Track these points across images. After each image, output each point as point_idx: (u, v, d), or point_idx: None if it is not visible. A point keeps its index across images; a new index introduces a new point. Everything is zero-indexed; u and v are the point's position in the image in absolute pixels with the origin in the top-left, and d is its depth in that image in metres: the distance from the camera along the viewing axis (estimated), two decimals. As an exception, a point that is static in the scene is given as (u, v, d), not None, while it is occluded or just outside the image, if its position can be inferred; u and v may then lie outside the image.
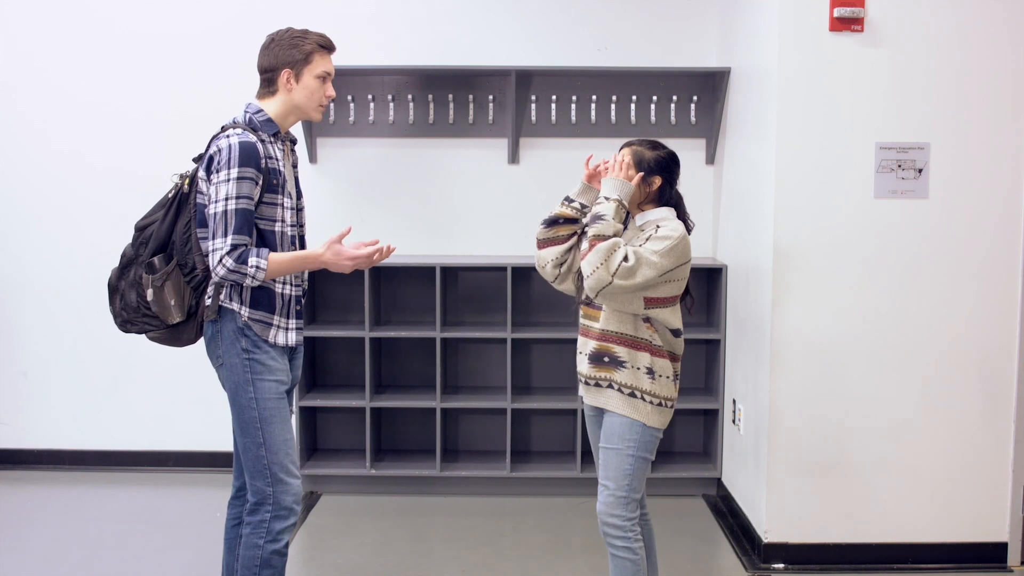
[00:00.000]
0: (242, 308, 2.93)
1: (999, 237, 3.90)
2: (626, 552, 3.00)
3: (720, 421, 4.78)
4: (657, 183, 3.02)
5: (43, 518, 4.53)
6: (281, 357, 3.01)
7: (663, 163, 3.03)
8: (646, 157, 3.02)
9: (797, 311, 3.92)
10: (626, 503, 2.99)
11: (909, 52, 3.83)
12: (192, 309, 2.98)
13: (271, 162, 2.92)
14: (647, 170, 3.01)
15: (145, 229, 3.00)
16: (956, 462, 3.97)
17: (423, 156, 5.06)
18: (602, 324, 3.02)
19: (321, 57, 3.00)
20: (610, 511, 3.00)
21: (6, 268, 5.16)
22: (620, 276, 2.84)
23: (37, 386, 5.20)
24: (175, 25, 5.01)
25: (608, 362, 3.01)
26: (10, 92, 5.08)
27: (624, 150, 3.04)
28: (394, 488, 4.86)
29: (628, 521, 2.99)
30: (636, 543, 3.00)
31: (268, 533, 2.97)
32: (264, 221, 2.92)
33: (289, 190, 3.00)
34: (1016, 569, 4.00)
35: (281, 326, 2.99)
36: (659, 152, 3.04)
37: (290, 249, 2.99)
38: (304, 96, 2.99)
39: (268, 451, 2.95)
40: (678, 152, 3.15)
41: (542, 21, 5.01)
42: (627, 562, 3.00)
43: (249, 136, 2.88)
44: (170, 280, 2.92)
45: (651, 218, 3.03)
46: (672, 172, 3.06)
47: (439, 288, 4.75)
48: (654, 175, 3.01)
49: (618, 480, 2.99)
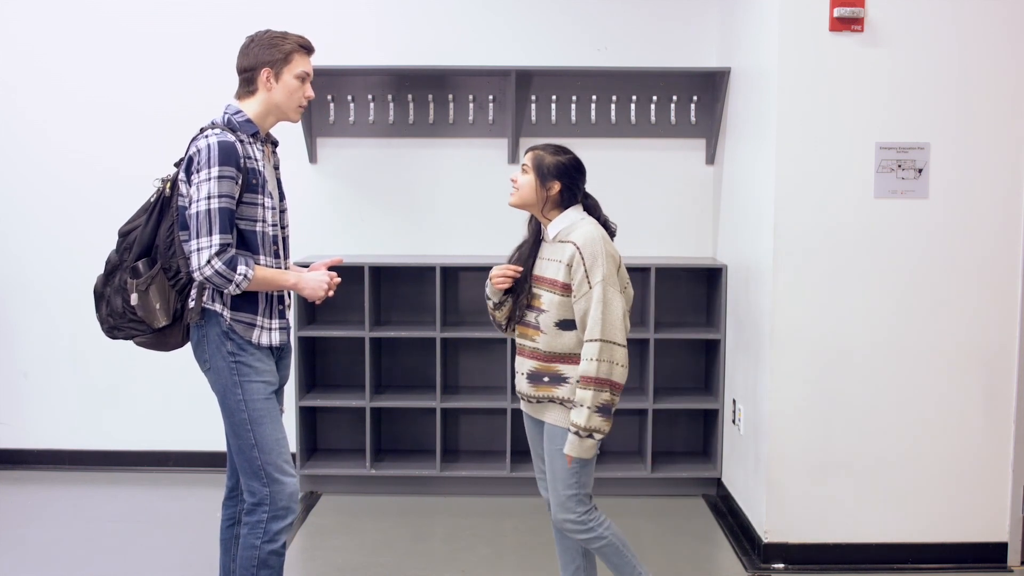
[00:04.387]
0: (224, 310, 2.93)
1: (999, 237, 3.90)
2: (596, 541, 3.09)
3: (720, 421, 4.78)
4: (556, 188, 3.07)
5: (43, 518, 4.53)
6: (267, 358, 3.01)
7: (563, 168, 3.07)
8: (546, 162, 3.07)
9: (797, 311, 3.92)
10: (577, 500, 3.06)
11: (909, 52, 3.83)
12: (177, 313, 2.98)
13: (250, 162, 2.92)
14: (544, 175, 3.06)
15: (129, 234, 3.00)
16: (956, 462, 3.97)
17: (423, 156, 5.06)
18: (543, 345, 3.07)
19: (300, 57, 3.01)
20: (560, 513, 3.09)
21: (6, 268, 5.16)
22: (621, 348, 2.96)
23: (37, 386, 5.20)
24: (175, 25, 5.01)
25: (548, 381, 3.07)
26: (10, 92, 5.08)
27: (527, 153, 3.12)
28: (394, 488, 4.86)
29: (583, 516, 3.07)
30: (601, 527, 3.08)
31: (265, 533, 2.97)
32: (244, 221, 2.92)
33: (270, 190, 3.00)
34: (1016, 569, 4.00)
35: (264, 327, 2.99)
36: (559, 158, 3.08)
37: (272, 249, 3.00)
38: (284, 95, 3.00)
39: (261, 452, 2.96)
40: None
41: (542, 21, 5.01)
42: (605, 547, 3.10)
43: (228, 136, 2.88)
44: (154, 284, 2.93)
45: (563, 225, 3.08)
46: (573, 178, 3.09)
47: (439, 288, 4.75)
48: (552, 180, 3.06)
49: (565, 481, 3.06)
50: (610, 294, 2.96)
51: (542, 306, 3.07)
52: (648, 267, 4.73)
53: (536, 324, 3.08)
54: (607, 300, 2.95)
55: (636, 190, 5.01)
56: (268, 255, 2.97)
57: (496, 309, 3.27)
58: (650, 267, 4.72)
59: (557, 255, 3.05)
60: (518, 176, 3.11)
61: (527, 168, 3.09)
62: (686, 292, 5.03)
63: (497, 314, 3.28)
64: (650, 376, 4.78)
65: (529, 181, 3.07)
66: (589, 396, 2.92)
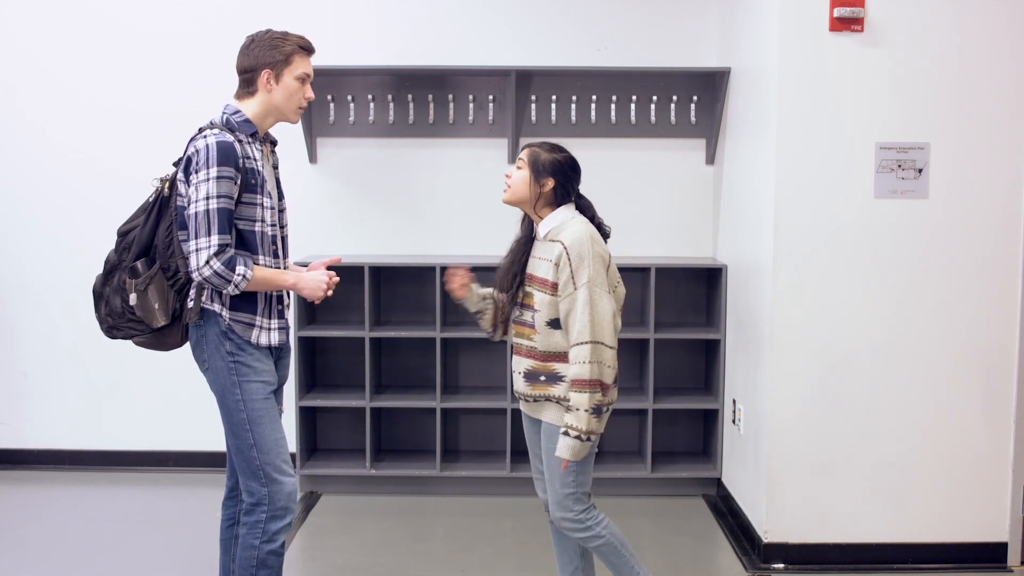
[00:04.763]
0: (223, 310, 2.93)
1: (999, 237, 3.90)
2: (594, 539, 3.09)
3: (720, 421, 4.78)
4: (550, 185, 3.07)
5: (43, 518, 4.53)
6: (266, 358, 3.01)
7: (557, 165, 3.08)
8: (541, 159, 3.08)
9: (797, 311, 3.92)
10: (575, 499, 3.07)
11: (909, 52, 3.83)
12: (176, 312, 2.98)
13: (249, 162, 2.92)
14: (539, 171, 3.07)
15: (127, 234, 3.00)
16: (956, 462, 3.97)
17: (423, 156, 5.06)
18: (539, 344, 3.07)
19: (301, 58, 3.00)
20: (558, 512, 3.09)
21: (6, 268, 5.16)
22: (610, 349, 2.96)
23: (37, 386, 5.20)
24: (175, 25, 5.01)
25: (544, 380, 3.07)
26: (10, 92, 5.08)
27: (524, 150, 3.13)
28: (394, 488, 4.86)
29: (580, 514, 3.08)
30: (599, 526, 3.09)
31: (264, 534, 2.97)
32: (243, 221, 2.92)
33: (269, 190, 3.00)
34: (1016, 569, 4.00)
35: (264, 327, 2.98)
36: (555, 155, 3.09)
37: (271, 249, 3.00)
38: (283, 97, 2.99)
39: (260, 452, 2.96)
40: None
41: (542, 21, 5.01)
42: (603, 547, 3.10)
43: (227, 136, 2.88)
44: (153, 284, 2.93)
45: (553, 224, 3.08)
46: (567, 176, 3.09)
47: (439, 288, 4.74)
48: (547, 177, 3.06)
49: (563, 479, 3.06)
50: (596, 295, 2.95)
51: (535, 305, 3.07)
52: (648, 267, 4.73)
53: (532, 323, 3.08)
54: (594, 302, 2.94)
55: (636, 190, 5.02)
56: (267, 255, 2.97)
57: (479, 317, 3.28)
58: (650, 267, 4.72)
59: (547, 254, 3.06)
60: (512, 172, 3.12)
61: (522, 164, 3.10)
62: (686, 292, 5.03)
63: (481, 322, 3.29)
64: (650, 376, 4.78)
65: (523, 177, 3.08)
66: (585, 399, 2.92)
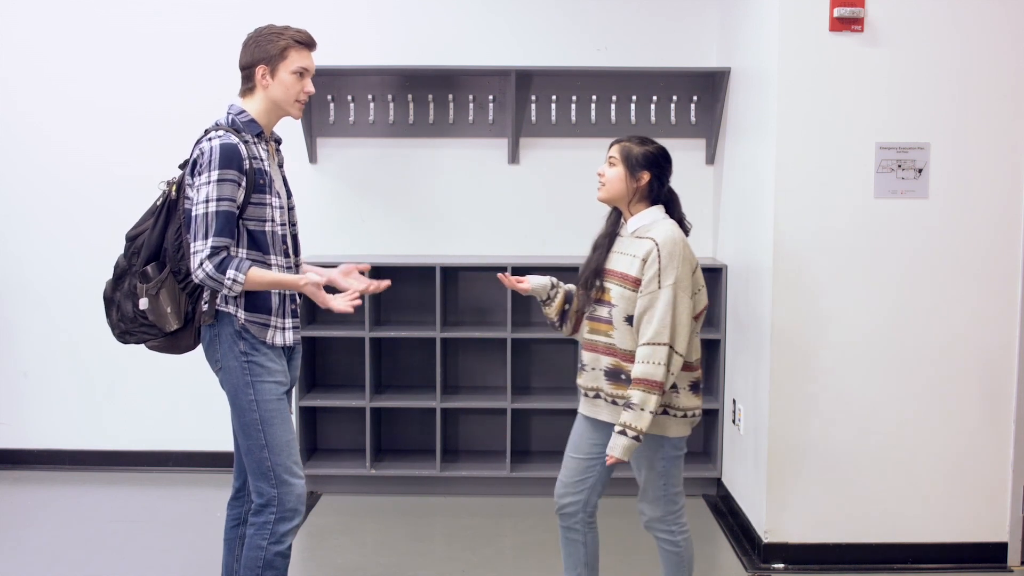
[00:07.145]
0: (239, 311, 2.92)
1: (999, 237, 3.90)
2: (670, 545, 3.14)
3: (720, 421, 4.78)
4: (645, 178, 3.02)
5: (43, 518, 4.53)
6: (279, 358, 3.00)
7: (652, 159, 3.03)
8: (634, 152, 3.02)
9: (797, 311, 3.92)
10: (665, 501, 3.09)
11: (909, 52, 3.83)
12: (189, 315, 2.98)
13: (256, 162, 2.90)
14: (634, 166, 3.01)
15: (136, 239, 2.99)
16: (956, 462, 3.97)
17: (423, 156, 5.06)
18: (618, 341, 3.01)
19: (297, 53, 2.98)
20: (650, 512, 3.12)
21: (6, 268, 5.16)
22: (679, 356, 2.93)
23: (37, 386, 5.20)
24: (176, 25, 5.01)
25: (625, 379, 2.99)
26: (10, 92, 5.08)
27: (613, 147, 3.07)
28: (394, 488, 4.86)
29: (671, 515, 3.10)
30: (680, 535, 3.12)
31: (272, 535, 2.96)
32: (254, 222, 2.91)
33: (277, 189, 2.99)
34: (1016, 569, 4.00)
35: (278, 326, 2.98)
36: (648, 148, 3.04)
37: (282, 248, 2.99)
38: (280, 92, 2.97)
39: (271, 453, 2.95)
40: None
41: (542, 21, 5.01)
42: (671, 554, 3.15)
43: (231, 138, 2.86)
44: (164, 288, 2.92)
45: (643, 222, 3.04)
46: (662, 168, 3.05)
47: (439, 288, 4.75)
48: (642, 170, 3.02)
49: (653, 482, 3.08)
50: (679, 298, 2.92)
51: (612, 300, 3.01)
52: (648, 267, 4.73)
53: (609, 318, 3.02)
54: (676, 303, 2.91)
55: (636, 190, 5.01)
56: (278, 254, 2.96)
57: (546, 306, 3.23)
58: (650, 267, 4.72)
59: (632, 250, 3.00)
60: (605, 170, 3.05)
61: (615, 160, 3.04)
62: (686, 292, 5.03)
63: (547, 310, 3.24)
64: (650, 376, 4.77)
65: (618, 173, 3.02)
66: (653, 400, 2.88)
